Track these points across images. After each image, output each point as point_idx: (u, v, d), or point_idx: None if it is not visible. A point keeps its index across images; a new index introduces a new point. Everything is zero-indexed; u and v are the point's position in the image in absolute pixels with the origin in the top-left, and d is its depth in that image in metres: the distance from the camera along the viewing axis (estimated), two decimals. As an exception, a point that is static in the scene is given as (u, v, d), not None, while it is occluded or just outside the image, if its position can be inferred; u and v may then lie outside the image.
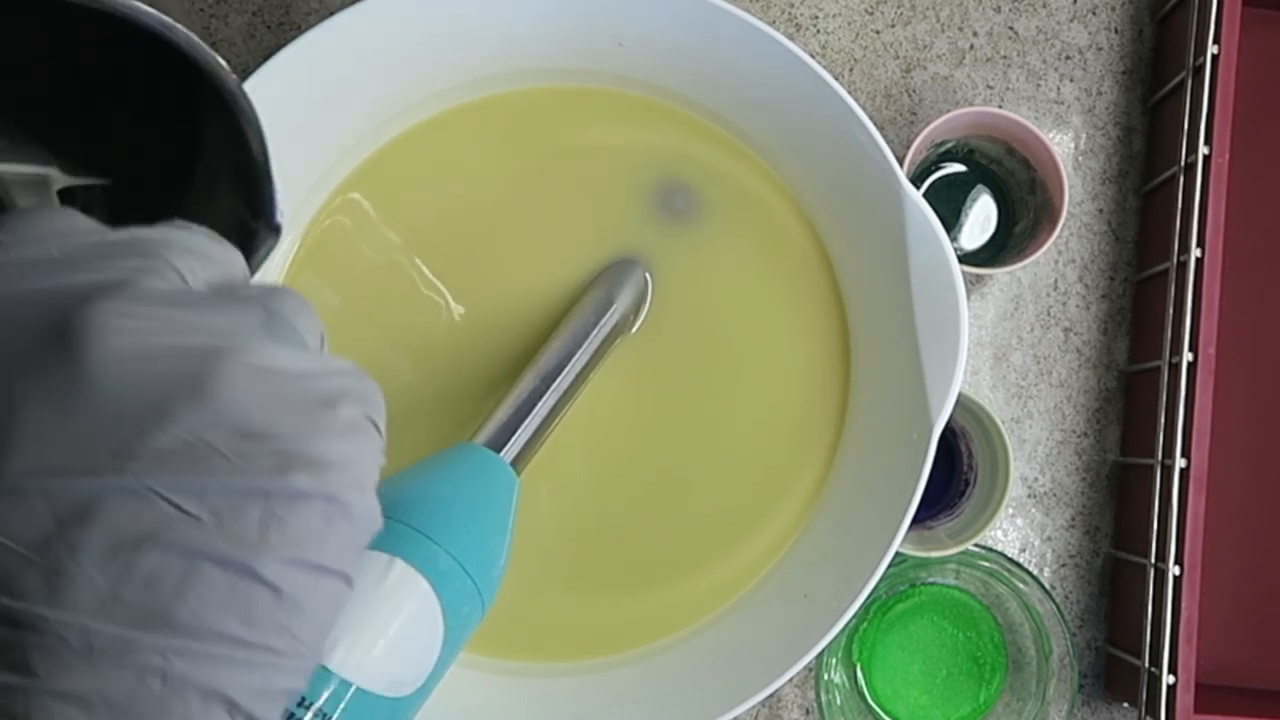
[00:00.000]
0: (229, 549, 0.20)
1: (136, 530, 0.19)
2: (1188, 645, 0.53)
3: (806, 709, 0.59)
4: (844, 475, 0.52)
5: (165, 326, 0.20)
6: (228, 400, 0.20)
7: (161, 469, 0.20)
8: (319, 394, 0.22)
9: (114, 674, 0.19)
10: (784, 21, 0.60)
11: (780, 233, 0.53)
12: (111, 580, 0.19)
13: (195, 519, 0.20)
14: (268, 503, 0.20)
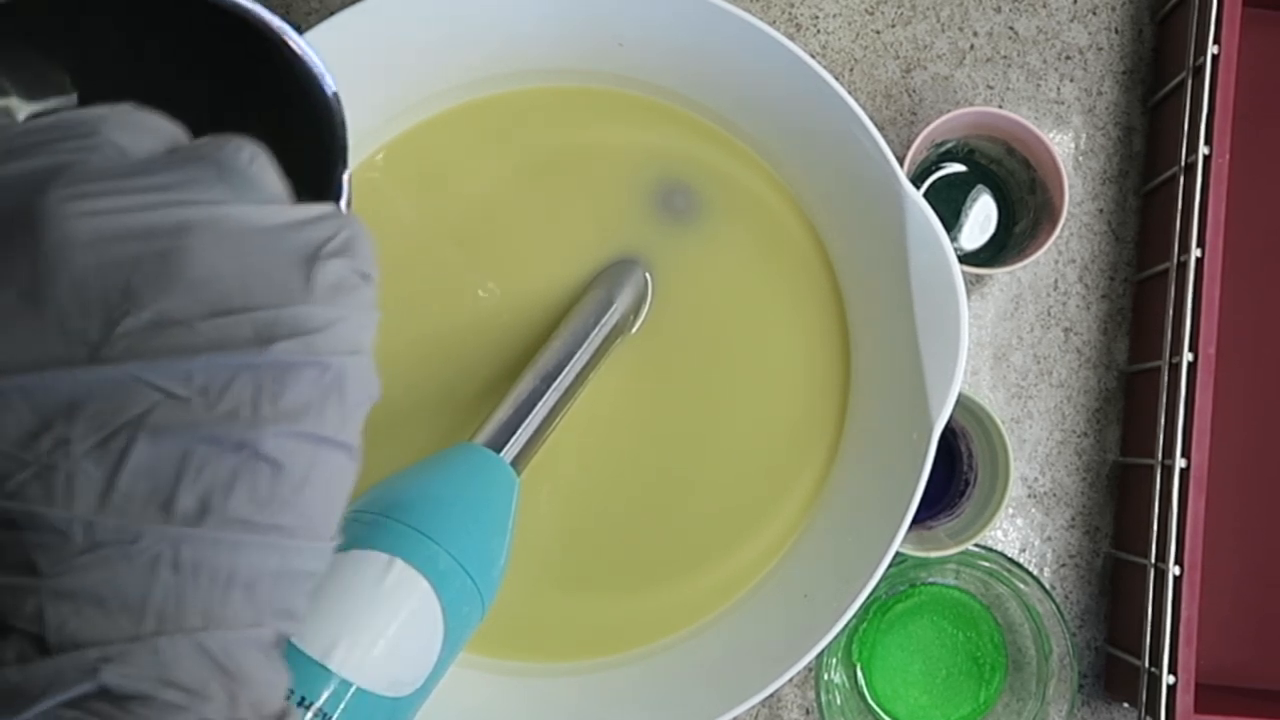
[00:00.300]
0: (222, 428, 0.19)
1: (124, 418, 0.19)
2: (1188, 645, 0.53)
3: (806, 709, 0.59)
4: (844, 475, 0.52)
5: (120, 205, 0.19)
6: (197, 275, 0.19)
7: (140, 354, 0.19)
8: (295, 250, 0.20)
9: (123, 567, 0.19)
10: (784, 21, 0.60)
11: (780, 233, 0.53)
12: (106, 472, 0.19)
13: (183, 400, 0.19)
14: (255, 375, 0.19)
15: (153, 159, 0.20)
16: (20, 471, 0.18)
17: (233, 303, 0.19)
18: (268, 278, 0.20)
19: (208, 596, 0.20)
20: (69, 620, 0.19)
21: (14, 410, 0.18)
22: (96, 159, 0.20)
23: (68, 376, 0.18)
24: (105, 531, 0.19)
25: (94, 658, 0.19)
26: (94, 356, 0.18)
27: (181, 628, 0.19)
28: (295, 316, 0.20)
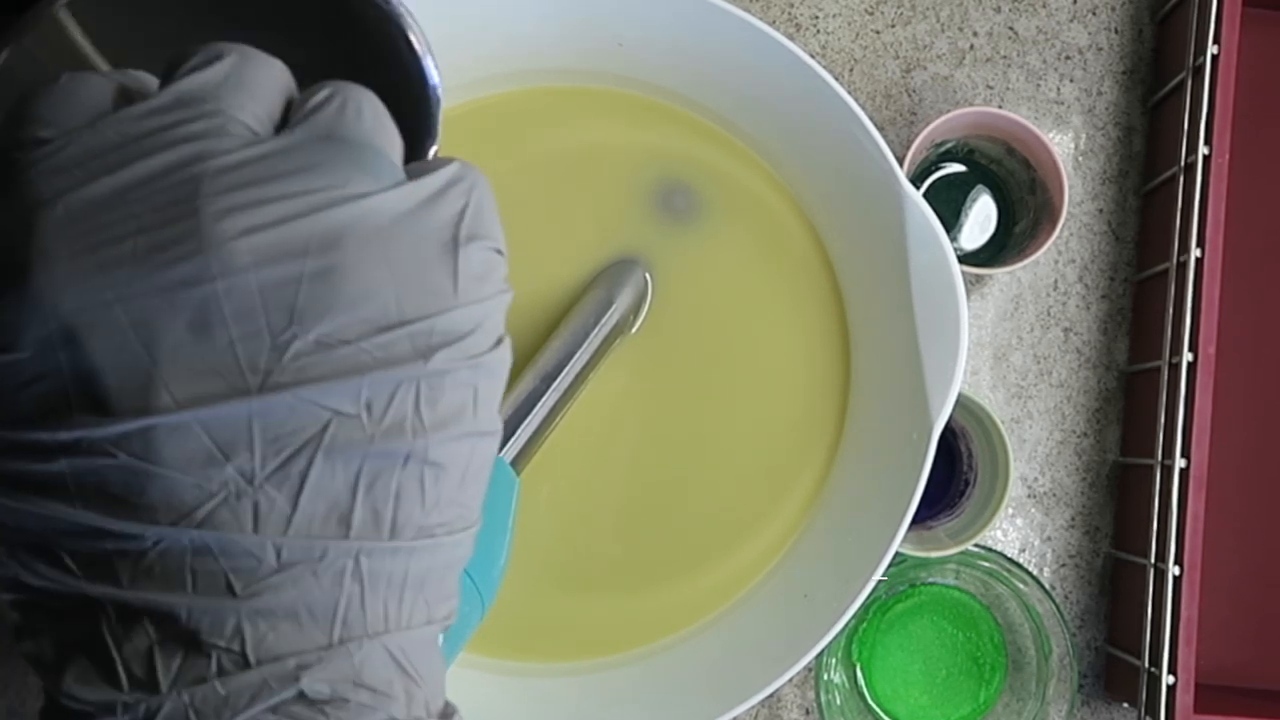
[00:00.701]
0: (391, 441, 0.20)
1: (300, 441, 0.19)
2: (1187, 645, 0.52)
3: (806, 709, 0.59)
4: (844, 475, 0.52)
5: (271, 216, 0.19)
6: (354, 291, 0.19)
7: (308, 377, 0.19)
8: (436, 237, 0.21)
9: (312, 583, 0.20)
10: (784, 21, 0.60)
11: (780, 233, 0.53)
12: (290, 495, 0.20)
13: (352, 417, 0.20)
14: (415, 386, 0.20)
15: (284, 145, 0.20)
16: (208, 501, 0.19)
17: (390, 317, 0.20)
18: (418, 283, 0.20)
19: (386, 601, 0.21)
20: (266, 635, 0.20)
21: (195, 441, 0.19)
22: (226, 143, 0.20)
23: (242, 405, 0.19)
24: (293, 551, 0.20)
25: (293, 666, 0.20)
26: (265, 384, 0.19)
27: (366, 633, 0.20)
28: (448, 323, 0.20)
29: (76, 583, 0.20)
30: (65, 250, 0.19)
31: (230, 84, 0.20)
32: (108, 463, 0.19)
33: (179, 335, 0.19)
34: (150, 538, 0.19)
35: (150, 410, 0.19)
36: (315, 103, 0.21)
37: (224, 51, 0.21)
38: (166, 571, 0.19)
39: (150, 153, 0.19)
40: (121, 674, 0.20)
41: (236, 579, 0.20)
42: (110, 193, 0.19)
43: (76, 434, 0.19)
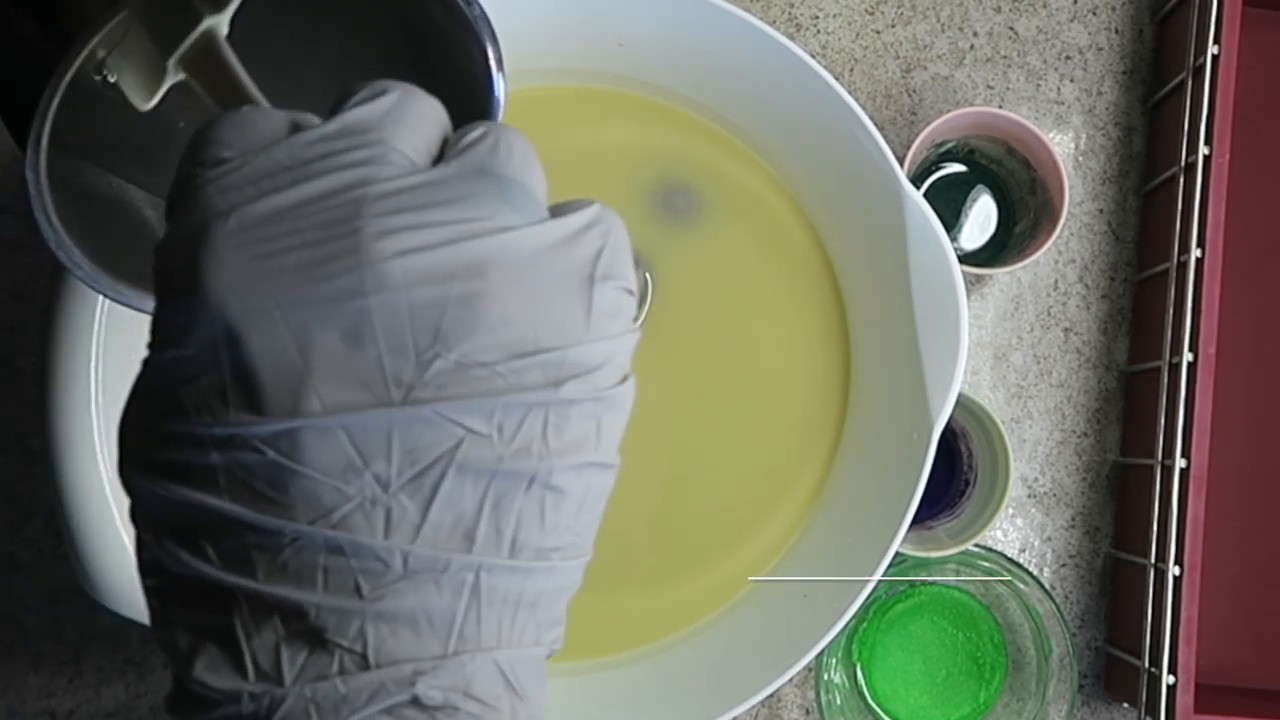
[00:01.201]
0: (518, 463, 0.21)
1: (434, 455, 0.20)
2: (1187, 645, 0.52)
3: (806, 709, 0.59)
4: (844, 475, 0.52)
5: (424, 241, 0.20)
6: (495, 318, 0.21)
7: (447, 395, 0.20)
8: (573, 273, 0.22)
9: (434, 593, 0.21)
10: (784, 21, 0.60)
11: (780, 233, 0.53)
12: (420, 506, 0.20)
13: (485, 437, 0.21)
14: (544, 413, 0.21)
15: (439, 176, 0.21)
16: (345, 504, 0.20)
17: (525, 345, 0.21)
18: (554, 316, 0.21)
19: (501, 617, 0.22)
20: (387, 640, 0.21)
21: (338, 446, 0.20)
22: (387, 171, 0.21)
23: (384, 416, 0.20)
24: (419, 560, 0.21)
25: (409, 672, 0.21)
26: (407, 397, 0.20)
27: (480, 646, 0.21)
28: (580, 356, 0.22)
29: (215, 573, 0.20)
30: (234, 259, 0.20)
31: (393, 117, 0.22)
32: (256, 459, 0.20)
33: (332, 345, 0.20)
34: (288, 534, 0.20)
35: (300, 413, 0.20)
36: (470, 139, 0.22)
37: (389, 88, 0.22)
38: (300, 569, 0.20)
39: (317, 175, 0.21)
40: (249, 665, 0.20)
41: (365, 581, 0.20)
42: (279, 209, 0.20)
43: (231, 430, 0.20)
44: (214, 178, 0.21)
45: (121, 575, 0.43)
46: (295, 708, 0.20)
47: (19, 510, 0.57)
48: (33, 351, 0.58)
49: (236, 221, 0.20)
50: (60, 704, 0.57)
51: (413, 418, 0.20)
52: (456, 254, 0.20)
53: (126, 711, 0.57)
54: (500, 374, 0.21)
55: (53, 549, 0.57)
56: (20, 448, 0.57)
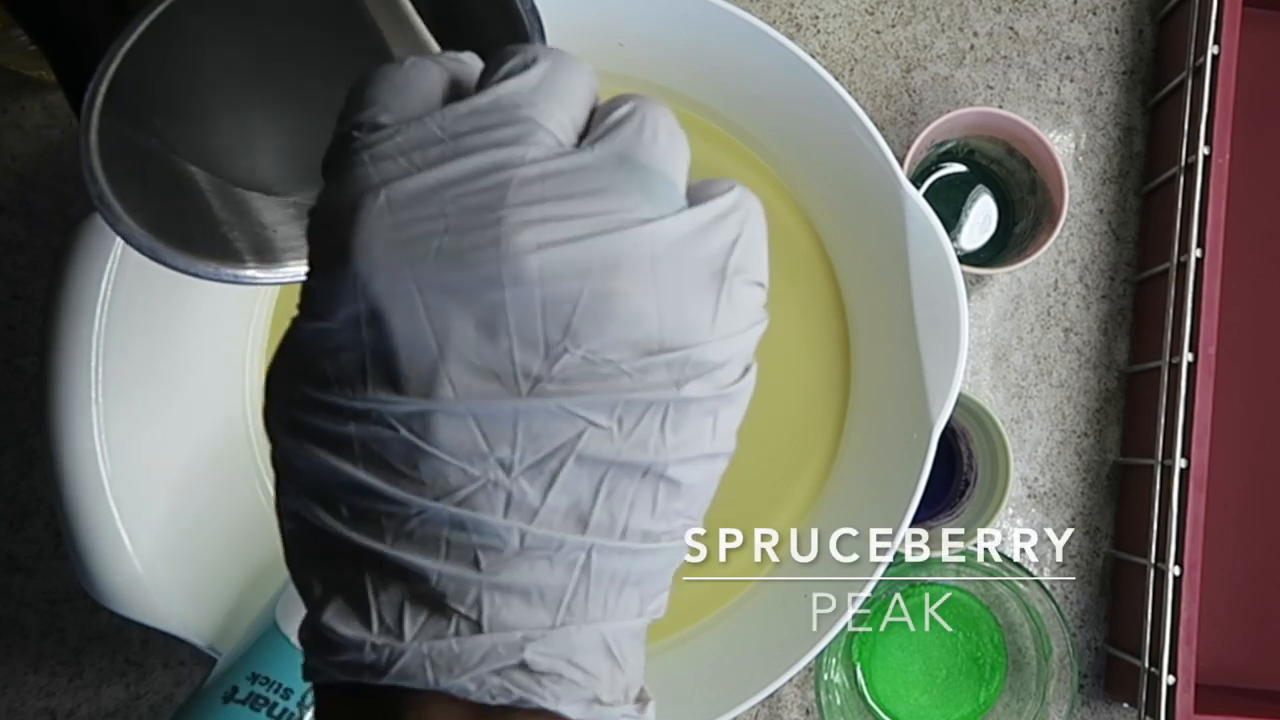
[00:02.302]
0: (634, 455, 0.22)
1: (555, 444, 0.21)
2: (1187, 645, 0.52)
3: (806, 709, 0.59)
4: (844, 476, 0.52)
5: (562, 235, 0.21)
6: (624, 317, 0.21)
7: (572, 388, 0.21)
8: (705, 266, 0.22)
9: (546, 569, 0.22)
10: (784, 21, 0.60)
11: (780, 233, 0.53)
12: (540, 490, 0.22)
13: (605, 430, 0.22)
14: (664, 410, 0.22)
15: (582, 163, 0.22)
16: (470, 484, 0.21)
17: (652, 344, 0.22)
18: (682, 315, 0.22)
19: (607, 593, 0.23)
20: (500, 609, 0.22)
21: (467, 431, 0.21)
22: (533, 152, 0.21)
23: (511, 405, 0.21)
24: (535, 539, 0.22)
25: (519, 638, 0.22)
26: (534, 389, 0.21)
27: (585, 619, 0.23)
28: (703, 355, 0.22)
29: (347, 533, 0.22)
30: (382, 239, 0.21)
31: (543, 90, 0.22)
32: (390, 435, 0.21)
33: (467, 333, 0.21)
34: (416, 507, 0.21)
35: (434, 396, 0.21)
36: (616, 118, 0.23)
37: (539, 55, 0.23)
38: (424, 539, 0.22)
39: (465, 153, 0.21)
40: (374, 618, 0.22)
41: (483, 555, 0.22)
42: (426, 188, 0.21)
43: (369, 404, 0.21)
44: (370, 143, 0.22)
45: (121, 575, 0.43)
46: (413, 661, 0.22)
47: (19, 510, 0.57)
48: (32, 351, 0.58)
49: (386, 199, 0.21)
50: (60, 704, 0.57)
51: (538, 409, 0.21)
52: (592, 249, 0.21)
53: (126, 711, 0.57)
54: (625, 371, 0.21)
55: (53, 549, 0.57)
56: (20, 448, 0.57)
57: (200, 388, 0.50)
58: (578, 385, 0.21)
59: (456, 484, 0.21)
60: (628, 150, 0.22)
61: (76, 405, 0.42)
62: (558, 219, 0.21)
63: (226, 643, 0.43)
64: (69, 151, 0.58)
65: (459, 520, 0.21)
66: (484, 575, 0.22)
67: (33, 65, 0.55)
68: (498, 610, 0.22)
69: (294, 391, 0.22)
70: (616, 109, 0.23)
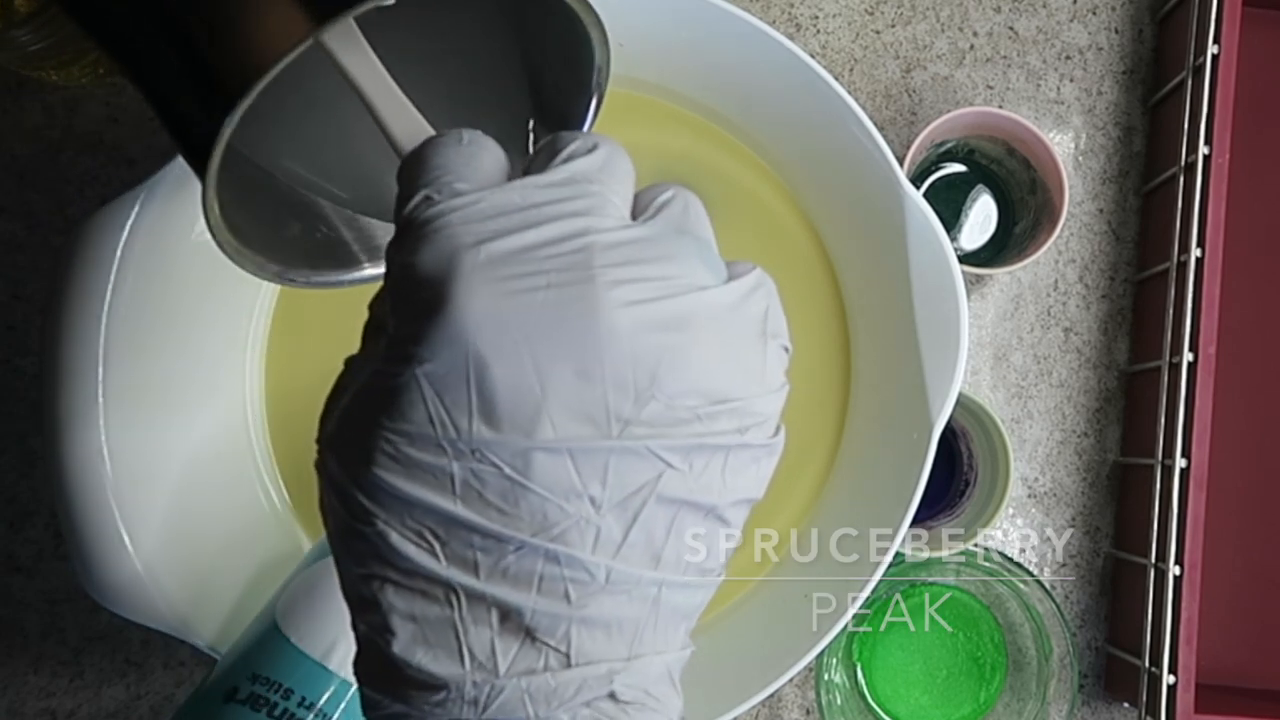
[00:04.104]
0: (701, 496, 0.24)
1: (638, 484, 0.23)
2: (1188, 645, 0.53)
3: (806, 709, 0.59)
4: (844, 476, 0.52)
5: (645, 294, 0.23)
6: (700, 368, 0.23)
7: (654, 431, 0.23)
8: (752, 329, 0.25)
9: (625, 603, 0.24)
10: (784, 21, 0.60)
11: (781, 232, 0.53)
12: (623, 528, 0.23)
13: (680, 472, 0.24)
14: (727, 455, 0.24)
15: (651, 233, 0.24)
16: (564, 520, 0.23)
17: (719, 394, 0.24)
18: (742, 368, 0.24)
19: (670, 626, 0.25)
20: (585, 642, 0.23)
21: (565, 470, 0.23)
22: (605, 223, 0.24)
23: (604, 446, 0.23)
24: (618, 575, 0.23)
25: (605, 671, 0.24)
26: (623, 432, 0.23)
27: (654, 650, 0.24)
28: (757, 406, 0.25)
29: (440, 568, 0.23)
30: (486, 291, 0.22)
31: (606, 171, 0.25)
32: (491, 472, 0.23)
33: (566, 379, 0.23)
34: (514, 543, 0.23)
35: (534, 436, 0.22)
36: (664, 199, 0.26)
37: (599, 143, 0.26)
38: (519, 574, 0.23)
39: (549, 220, 0.23)
40: (465, 655, 0.23)
41: (573, 589, 0.23)
42: (520, 248, 0.23)
43: (471, 444, 0.23)
44: (455, 206, 0.24)
45: (121, 575, 0.43)
46: (512, 697, 0.23)
47: (19, 510, 0.57)
48: (32, 351, 0.58)
49: (485, 256, 0.23)
50: (60, 704, 0.57)
51: (627, 450, 0.23)
52: (669, 308, 0.23)
53: (126, 711, 0.57)
54: (699, 417, 0.24)
55: (53, 549, 0.57)
56: (20, 448, 0.57)
57: (201, 388, 0.50)
58: (660, 429, 0.23)
59: (553, 520, 0.23)
60: (683, 224, 0.25)
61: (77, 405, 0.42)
62: (638, 280, 0.23)
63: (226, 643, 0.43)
64: (69, 151, 0.58)
65: (554, 555, 0.23)
66: (574, 609, 0.23)
67: (33, 65, 0.55)
68: (584, 643, 0.23)
69: (386, 431, 0.23)
70: (661, 192, 0.26)
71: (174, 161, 0.43)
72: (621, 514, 0.23)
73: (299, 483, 0.53)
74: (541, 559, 0.23)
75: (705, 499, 0.24)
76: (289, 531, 0.53)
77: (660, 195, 0.26)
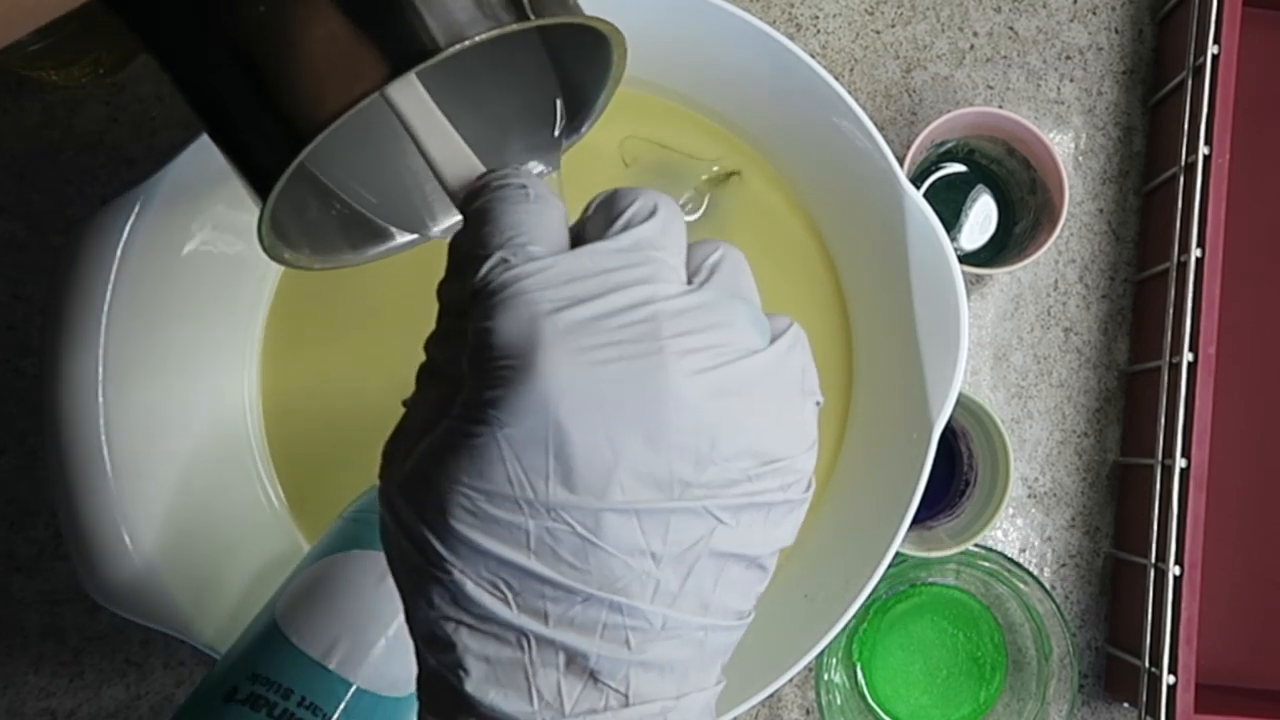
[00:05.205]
0: (746, 548, 0.26)
1: (693, 539, 0.25)
2: (1188, 645, 0.52)
3: (806, 709, 0.59)
4: (844, 475, 0.52)
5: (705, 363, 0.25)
6: (755, 433, 0.25)
7: (710, 491, 0.25)
8: (793, 387, 0.27)
9: (678, 647, 0.26)
10: (784, 21, 0.60)
11: (782, 231, 0.53)
12: (680, 580, 0.25)
13: (729, 527, 0.26)
14: (770, 510, 0.26)
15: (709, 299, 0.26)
16: (628, 574, 0.25)
17: (768, 454, 0.26)
18: (788, 429, 0.26)
19: (711, 666, 0.27)
20: (642, 684, 0.25)
21: (632, 529, 0.25)
22: (667, 289, 0.25)
23: (667, 506, 0.25)
24: (673, 622, 0.25)
25: (659, 709, 0.26)
26: (684, 494, 0.25)
27: (699, 688, 0.26)
28: (801, 464, 0.27)
29: (512, 616, 0.25)
30: (567, 362, 0.24)
31: (666, 234, 0.27)
32: (564, 530, 0.24)
33: (636, 445, 0.24)
34: (581, 595, 0.25)
35: (606, 499, 0.24)
36: (714, 261, 0.27)
37: (657, 204, 0.27)
38: (585, 622, 0.25)
39: (619, 287, 0.25)
40: (534, 695, 0.25)
41: (633, 636, 0.25)
42: (594, 316, 0.25)
43: (548, 503, 0.24)
44: (532, 273, 0.25)
45: (121, 575, 0.43)
46: None
47: (19, 510, 0.57)
48: (32, 351, 0.58)
49: (563, 324, 0.24)
50: (60, 704, 0.57)
51: (687, 510, 0.25)
52: (728, 375, 0.25)
53: (126, 711, 0.57)
54: (749, 477, 0.26)
55: (53, 549, 0.57)
56: (20, 448, 0.57)
57: (201, 388, 0.50)
58: (716, 489, 0.25)
59: (619, 575, 0.25)
60: (735, 288, 0.27)
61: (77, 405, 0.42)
62: (700, 349, 0.25)
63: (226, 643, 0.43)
64: (69, 151, 0.58)
65: (618, 605, 0.25)
66: (633, 654, 0.25)
67: (33, 65, 0.55)
68: (641, 685, 0.25)
69: (465, 488, 0.24)
70: (711, 252, 0.28)
71: (174, 162, 0.43)
72: (678, 567, 0.25)
73: (295, 482, 0.53)
74: (606, 609, 0.25)
75: (749, 550, 0.26)
76: (289, 531, 0.53)
77: (711, 256, 0.27)
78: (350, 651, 0.39)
